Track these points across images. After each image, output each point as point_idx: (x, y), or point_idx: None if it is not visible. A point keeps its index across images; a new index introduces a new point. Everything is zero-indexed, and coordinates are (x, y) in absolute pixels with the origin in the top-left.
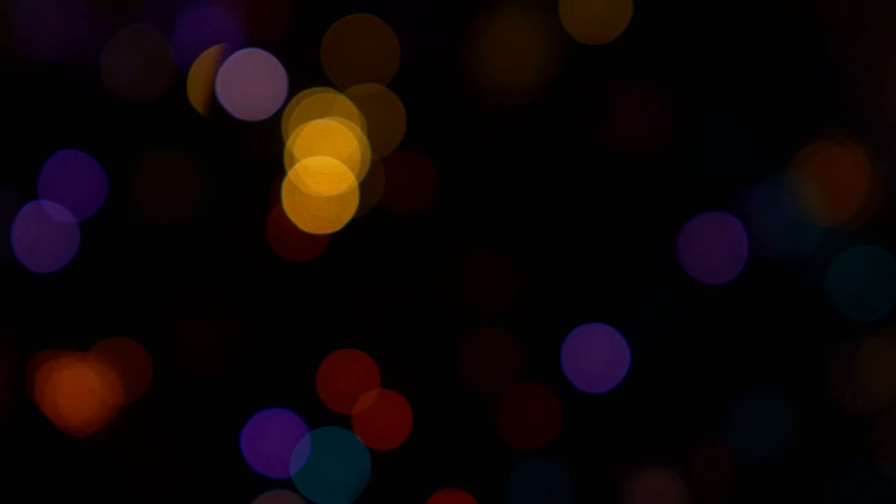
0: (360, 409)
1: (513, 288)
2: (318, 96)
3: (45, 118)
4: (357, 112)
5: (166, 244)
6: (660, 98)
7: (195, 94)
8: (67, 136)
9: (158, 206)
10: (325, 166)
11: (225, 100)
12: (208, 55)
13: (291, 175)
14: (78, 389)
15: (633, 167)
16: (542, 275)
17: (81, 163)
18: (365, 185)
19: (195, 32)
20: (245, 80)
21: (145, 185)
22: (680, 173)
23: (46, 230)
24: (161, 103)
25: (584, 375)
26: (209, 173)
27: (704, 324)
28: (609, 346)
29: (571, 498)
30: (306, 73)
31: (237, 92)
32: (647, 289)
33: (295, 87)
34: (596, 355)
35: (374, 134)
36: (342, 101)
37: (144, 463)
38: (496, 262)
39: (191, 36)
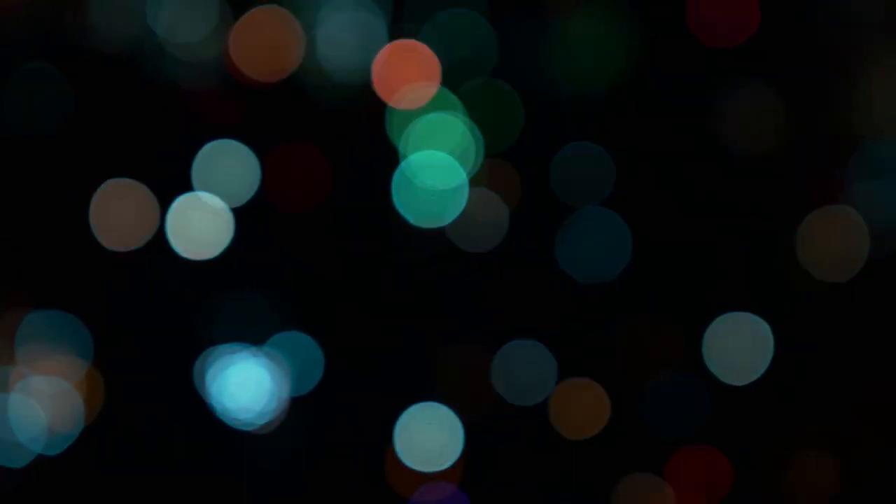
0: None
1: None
2: (428, 90)
3: (197, 108)
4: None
5: (295, 236)
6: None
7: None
8: (220, 125)
9: (287, 198)
10: (437, 161)
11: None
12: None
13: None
14: (249, 383)
15: (751, 164)
16: (679, 271)
17: (235, 151)
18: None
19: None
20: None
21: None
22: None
23: (202, 219)
24: (292, 94)
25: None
26: (337, 165)
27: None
28: (754, 337)
29: None
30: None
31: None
32: (772, 285)
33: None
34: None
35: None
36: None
37: (309, 455)
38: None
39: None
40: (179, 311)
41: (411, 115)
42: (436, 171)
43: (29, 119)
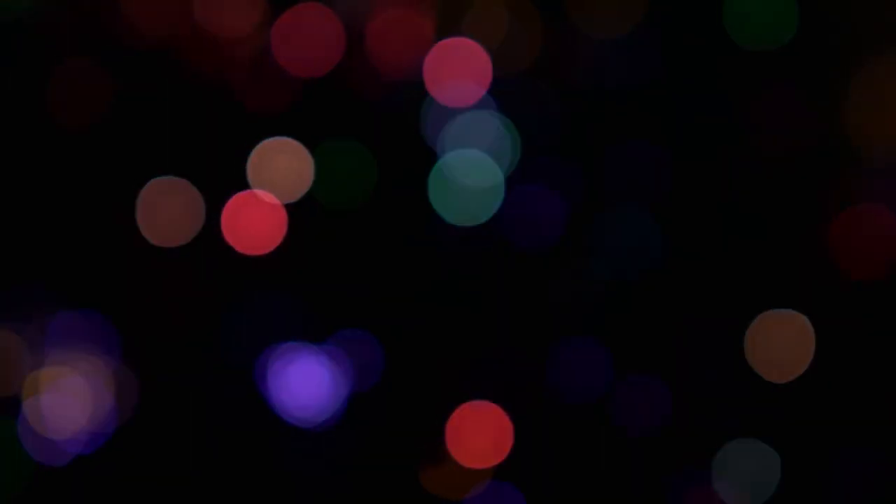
0: None
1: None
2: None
3: (251, 105)
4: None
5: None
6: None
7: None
8: (274, 123)
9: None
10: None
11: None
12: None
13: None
14: (309, 381)
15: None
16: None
17: (288, 149)
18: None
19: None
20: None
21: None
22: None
23: (257, 216)
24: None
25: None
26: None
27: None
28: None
29: None
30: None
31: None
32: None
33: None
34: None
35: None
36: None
37: (370, 453)
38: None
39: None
40: (236, 308)
41: (451, 112)
42: (473, 169)
43: (75, 116)
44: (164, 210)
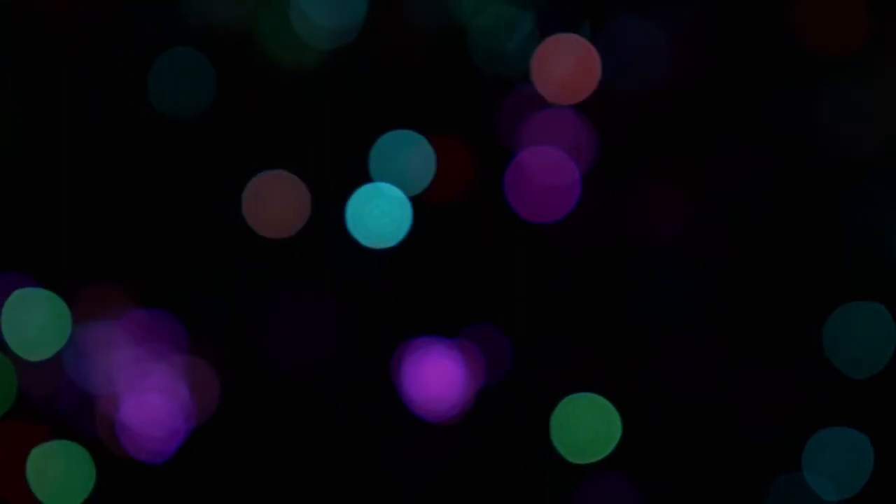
0: None
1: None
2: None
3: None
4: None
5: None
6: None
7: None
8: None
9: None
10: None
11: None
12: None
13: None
14: (442, 377)
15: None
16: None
17: (412, 141)
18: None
19: None
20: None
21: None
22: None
23: (376, 210)
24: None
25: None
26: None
27: None
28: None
29: None
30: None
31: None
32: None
33: None
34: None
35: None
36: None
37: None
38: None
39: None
40: (364, 302)
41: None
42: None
43: (184, 107)
44: (272, 202)
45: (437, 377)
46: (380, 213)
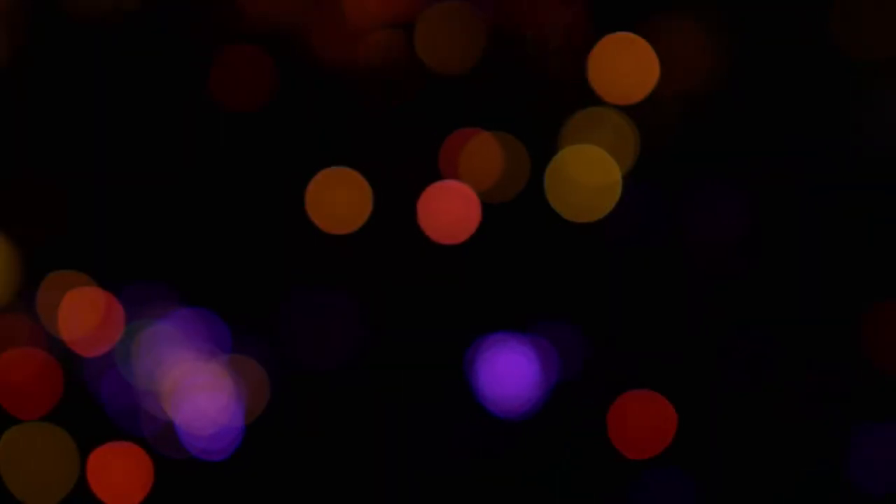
0: None
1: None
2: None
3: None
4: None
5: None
6: None
7: None
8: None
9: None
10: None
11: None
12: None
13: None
14: (514, 371)
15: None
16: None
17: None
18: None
19: None
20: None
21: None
22: None
23: (448, 207)
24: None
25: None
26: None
27: None
28: None
29: None
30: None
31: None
32: None
33: None
34: None
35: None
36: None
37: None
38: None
39: None
40: (433, 295)
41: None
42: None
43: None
44: (334, 198)
45: (510, 373)
46: (449, 211)
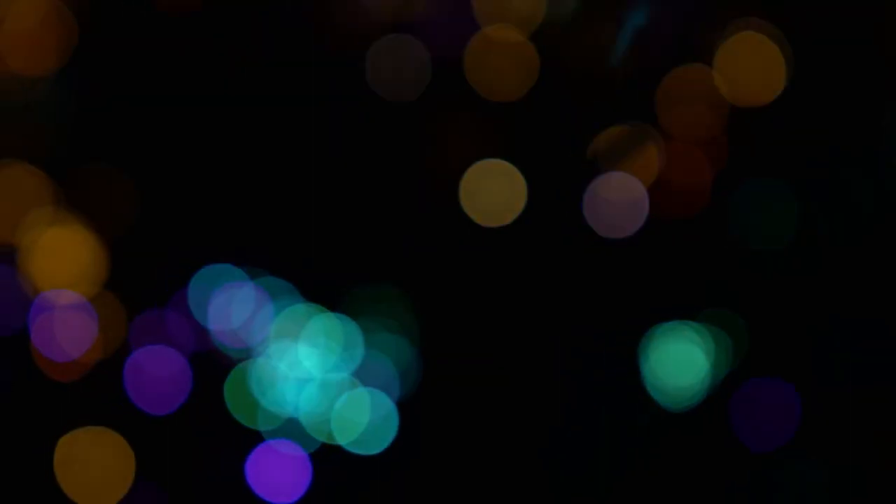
0: None
1: None
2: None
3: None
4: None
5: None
6: None
7: None
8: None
9: None
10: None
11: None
12: None
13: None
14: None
15: None
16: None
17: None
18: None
19: None
20: None
21: None
22: None
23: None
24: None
25: None
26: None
27: None
28: None
29: None
30: None
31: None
32: None
33: None
34: None
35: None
36: None
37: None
38: None
39: None
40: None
41: None
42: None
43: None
44: (488, 191)
45: (682, 363)
46: (617, 202)
